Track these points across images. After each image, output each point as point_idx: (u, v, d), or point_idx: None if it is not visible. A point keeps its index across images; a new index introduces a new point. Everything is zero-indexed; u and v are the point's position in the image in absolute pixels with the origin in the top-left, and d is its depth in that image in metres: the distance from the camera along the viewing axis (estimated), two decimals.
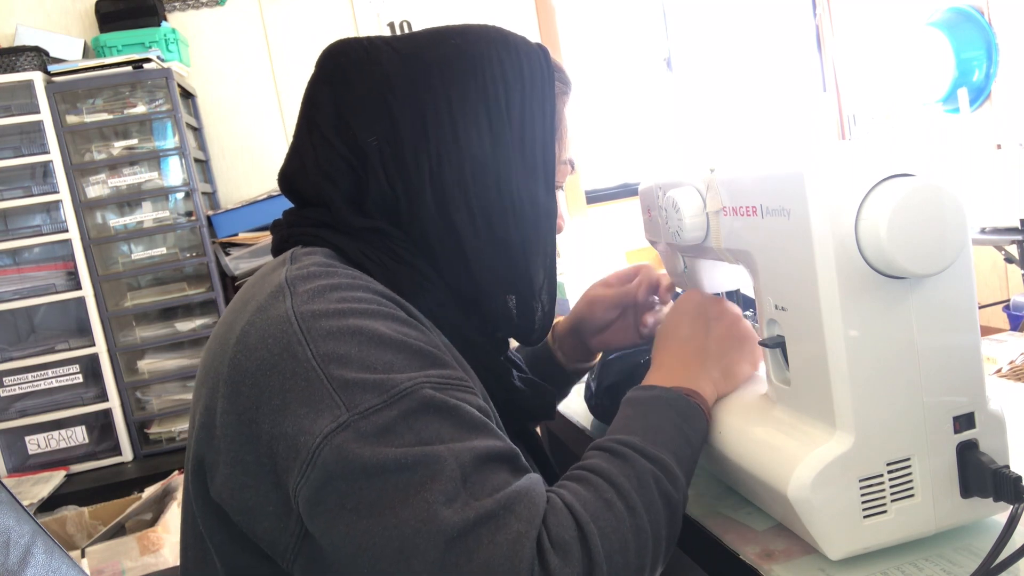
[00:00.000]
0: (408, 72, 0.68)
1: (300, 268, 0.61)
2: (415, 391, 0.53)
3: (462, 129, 0.67)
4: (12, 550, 0.65)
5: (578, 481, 0.56)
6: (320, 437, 0.51)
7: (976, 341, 0.58)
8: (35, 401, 2.44)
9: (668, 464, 0.59)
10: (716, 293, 0.88)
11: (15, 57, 2.36)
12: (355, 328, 0.55)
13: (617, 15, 3.44)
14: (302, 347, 0.54)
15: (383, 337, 0.55)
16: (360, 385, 0.52)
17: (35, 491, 2.21)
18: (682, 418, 0.65)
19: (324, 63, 0.71)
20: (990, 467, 0.56)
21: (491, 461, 0.53)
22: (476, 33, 0.72)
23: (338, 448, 0.50)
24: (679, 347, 0.73)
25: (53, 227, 2.43)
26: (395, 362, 0.54)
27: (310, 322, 0.55)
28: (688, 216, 0.73)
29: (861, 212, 0.54)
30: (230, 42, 2.88)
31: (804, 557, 0.60)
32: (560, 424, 1.07)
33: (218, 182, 2.89)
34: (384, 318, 0.57)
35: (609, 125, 3.45)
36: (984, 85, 2.86)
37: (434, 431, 0.52)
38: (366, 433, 0.51)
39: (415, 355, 0.56)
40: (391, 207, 0.68)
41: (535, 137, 0.70)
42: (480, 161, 0.67)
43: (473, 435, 0.53)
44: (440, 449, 0.51)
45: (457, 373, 0.58)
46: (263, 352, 0.56)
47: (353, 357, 0.53)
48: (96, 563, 1.84)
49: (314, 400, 0.52)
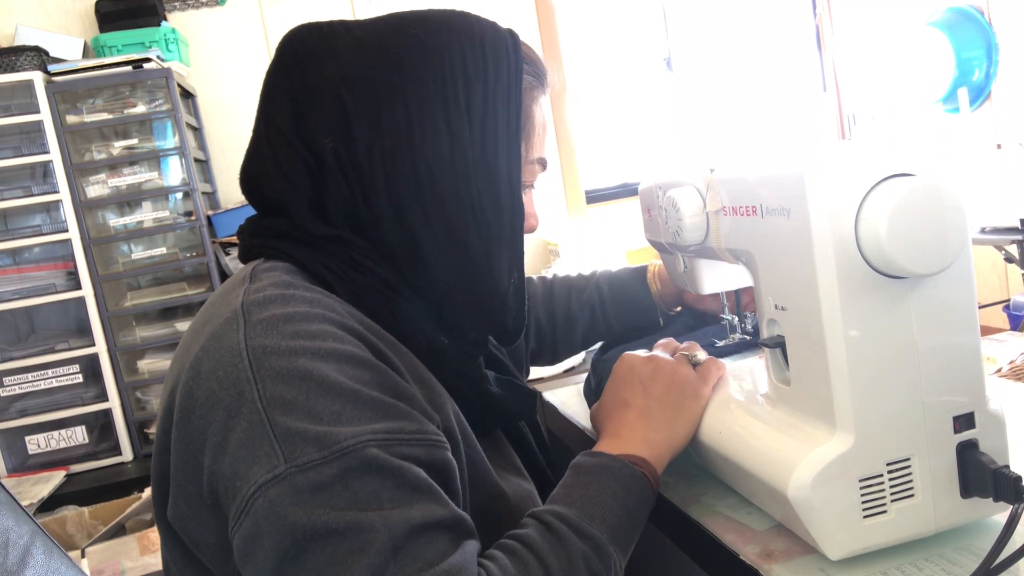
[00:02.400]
0: (364, 64, 0.65)
1: (257, 291, 0.59)
2: (357, 450, 0.51)
3: (417, 127, 0.64)
4: (11, 551, 0.65)
5: (510, 554, 0.56)
6: (255, 487, 0.50)
7: (976, 341, 0.58)
8: (35, 401, 2.44)
9: (600, 543, 0.58)
10: (715, 293, 0.88)
11: (15, 57, 2.36)
12: (305, 372, 0.53)
13: (617, 15, 3.44)
14: (250, 386, 0.52)
15: (333, 384, 0.53)
16: (302, 436, 0.50)
17: (35, 491, 2.21)
18: (624, 489, 0.64)
19: (281, 51, 0.68)
20: (990, 467, 0.56)
21: (428, 531, 0.51)
22: (439, 21, 0.68)
23: (270, 503, 0.49)
24: (621, 415, 0.72)
25: (53, 227, 2.43)
26: (343, 413, 0.52)
27: (261, 359, 0.53)
28: (688, 216, 0.73)
29: (861, 212, 0.54)
30: (230, 42, 2.88)
31: (804, 557, 0.60)
32: (560, 424, 1.07)
33: (218, 182, 2.89)
34: (338, 360, 0.55)
35: (609, 125, 3.45)
36: (984, 85, 2.86)
37: (372, 494, 0.50)
38: (301, 489, 0.49)
39: (365, 405, 0.53)
40: (352, 212, 0.65)
41: (498, 136, 0.66)
42: (436, 161, 0.64)
43: (413, 500, 0.51)
44: (374, 517, 0.49)
45: (410, 426, 0.55)
46: (213, 384, 0.54)
47: (300, 404, 0.52)
48: (96, 563, 1.84)
49: (254, 444, 0.51)
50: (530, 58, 0.72)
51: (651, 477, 0.66)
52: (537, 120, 0.72)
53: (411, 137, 0.64)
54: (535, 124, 0.72)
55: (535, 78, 0.72)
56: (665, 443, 0.70)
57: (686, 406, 0.73)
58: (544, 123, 0.74)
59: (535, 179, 0.74)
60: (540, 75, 0.73)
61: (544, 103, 0.74)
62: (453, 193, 0.65)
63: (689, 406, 0.73)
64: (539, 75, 0.73)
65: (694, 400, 0.73)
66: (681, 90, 3.49)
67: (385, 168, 0.64)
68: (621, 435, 0.70)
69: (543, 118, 0.73)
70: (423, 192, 0.64)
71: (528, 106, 0.70)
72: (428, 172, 0.64)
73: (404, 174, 0.64)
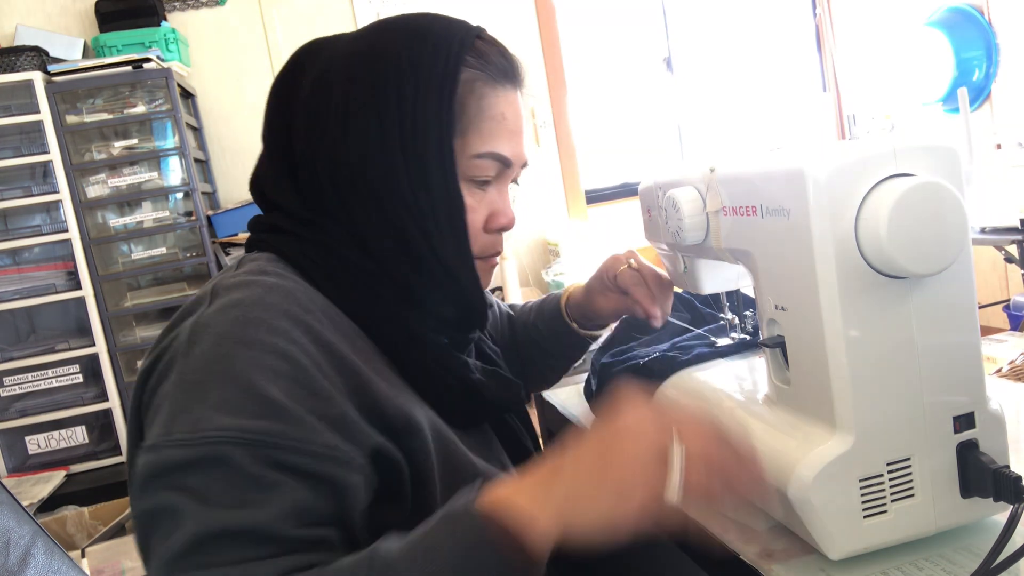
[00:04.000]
0: (325, 75, 0.69)
1: (233, 276, 0.64)
2: (217, 443, 0.53)
3: (352, 126, 0.67)
4: (12, 550, 0.65)
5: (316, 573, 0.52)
6: (142, 449, 0.56)
7: (976, 341, 0.58)
8: (35, 401, 2.44)
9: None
10: (715, 294, 0.88)
11: (15, 57, 2.36)
12: (221, 356, 0.56)
13: (617, 15, 3.44)
14: (178, 361, 0.58)
15: (237, 375, 0.55)
16: (185, 414, 0.55)
17: (35, 491, 2.22)
18: (464, 553, 0.51)
19: (287, 62, 0.74)
20: (990, 467, 0.56)
21: (240, 537, 0.51)
22: (397, 24, 0.71)
23: (141, 467, 0.55)
24: (564, 462, 0.55)
25: (53, 227, 2.43)
26: (229, 402, 0.54)
27: (197, 336, 0.58)
28: (688, 216, 0.73)
29: (861, 212, 0.54)
30: (230, 42, 2.89)
31: (804, 557, 0.60)
32: (560, 424, 1.07)
33: (218, 182, 2.89)
34: (261, 350, 0.56)
35: (609, 125, 3.45)
36: (984, 85, 2.86)
37: (207, 488, 0.53)
38: (160, 463, 0.54)
39: (253, 401, 0.55)
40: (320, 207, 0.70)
41: (427, 128, 0.67)
42: (367, 162, 0.67)
43: (245, 504, 0.52)
44: (195, 509, 0.52)
45: (294, 432, 0.54)
46: (158, 352, 0.61)
47: (202, 385, 0.56)
48: (96, 563, 1.84)
49: (159, 410, 0.57)
50: (483, 52, 0.70)
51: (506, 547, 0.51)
52: (487, 113, 0.69)
53: (346, 134, 0.67)
54: (483, 117, 0.69)
55: (483, 71, 0.70)
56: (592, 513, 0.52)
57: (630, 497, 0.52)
58: (503, 117, 0.70)
59: (487, 175, 0.71)
60: (496, 69, 0.71)
61: (504, 97, 0.71)
62: (384, 186, 0.67)
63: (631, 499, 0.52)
64: (493, 69, 0.70)
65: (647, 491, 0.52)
66: (681, 90, 3.50)
67: (330, 168, 0.68)
68: (536, 483, 0.54)
69: (501, 112, 0.70)
70: (357, 185, 0.68)
71: (464, 97, 0.68)
72: (360, 171, 0.67)
73: (343, 169, 0.68)
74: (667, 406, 0.66)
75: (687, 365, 0.83)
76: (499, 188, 0.74)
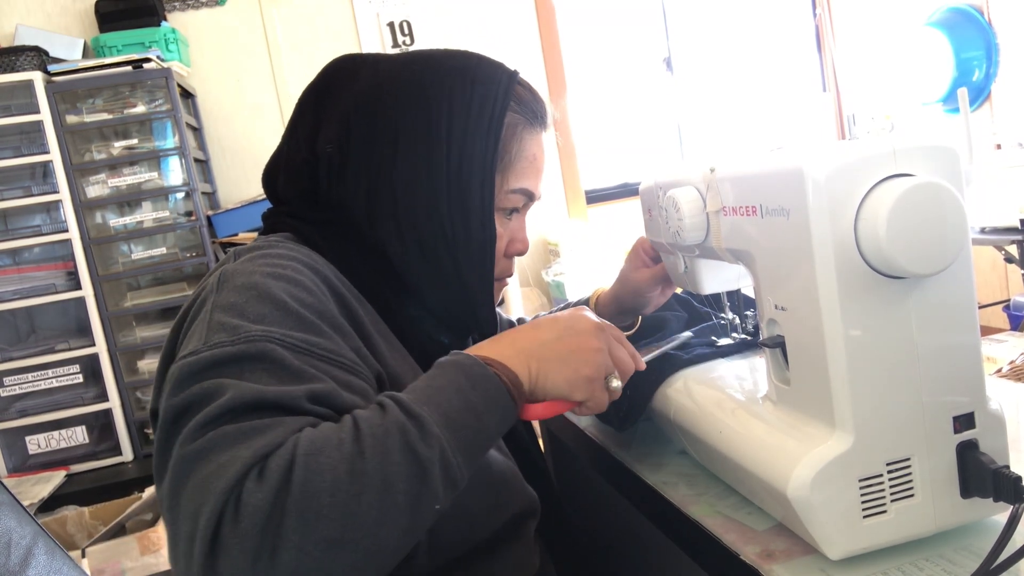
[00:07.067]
0: (373, 95, 0.75)
1: (254, 243, 0.71)
2: (260, 341, 0.57)
3: (401, 155, 0.73)
4: (14, 551, 0.65)
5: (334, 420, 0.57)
6: (178, 360, 0.58)
7: (976, 341, 0.58)
8: (35, 401, 2.44)
9: (425, 422, 0.56)
10: (715, 294, 0.88)
11: (15, 57, 2.36)
12: (253, 284, 0.62)
13: (617, 15, 3.44)
14: (212, 296, 0.62)
15: (271, 295, 0.61)
16: (224, 326, 0.58)
17: (35, 491, 2.22)
18: (470, 383, 0.60)
19: (322, 75, 0.79)
20: (990, 467, 0.56)
21: (273, 406, 0.54)
22: (440, 62, 0.77)
23: (179, 368, 0.57)
24: (519, 333, 0.68)
25: (53, 227, 2.43)
26: (267, 316, 0.59)
27: (229, 278, 0.63)
28: (688, 216, 0.73)
29: (860, 212, 0.54)
30: (230, 42, 2.89)
31: (804, 557, 0.60)
32: (560, 424, 1.07)
33: (218, 182, 2.89)
34: (287, 281, 0.63)
35: (609, 125, 3.45)
36: (984, 85, 2.86)
37: (256, 379, 0.55)
38: (203, 362, 0.56)
39: (290, 315, 0.60)
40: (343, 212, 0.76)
41: (473, 165, 0.74)
42: (412, 186, 0.73)
43: (280, 383, 0.56)
44: (234, 384, 0.55)
45: (327, 344, 0.60)
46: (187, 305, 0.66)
47: (238, 306, 0.60)
48: (96, 563, 1.85)
49: (194, 333, 0.60)
50: (523, 99, 0.78)
51: (506, 378, 0.62)
52: (523, 154, 0.78)
53: (394, 161, 0.73)
54: (519, 157, 0.78)
55: (523, 116, 0.78)
56: (538, 355, 0.65)
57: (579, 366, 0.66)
58: (535, 158, 0.79)
59: (516, 207, 0.80)
60: (536, 115, 0.79)
61: (536, 139, 0.79)
62: (425, 216, 0.74)
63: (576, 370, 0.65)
64: (531, 114, 0.79)
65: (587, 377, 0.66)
66: (681, 90, 3.50)
67: (368, 183, 0.74)
68: (500, 343, 0.66)
69: (533, 153, 0.79)
70: (398, 209, 0.74)
71: (507, 140, 0.76)
72: (404, 195, 0.73)
73: (382, 191, 0.74)
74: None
75: (687, 365, 0.84)
76: (521, 218, 0.82)
